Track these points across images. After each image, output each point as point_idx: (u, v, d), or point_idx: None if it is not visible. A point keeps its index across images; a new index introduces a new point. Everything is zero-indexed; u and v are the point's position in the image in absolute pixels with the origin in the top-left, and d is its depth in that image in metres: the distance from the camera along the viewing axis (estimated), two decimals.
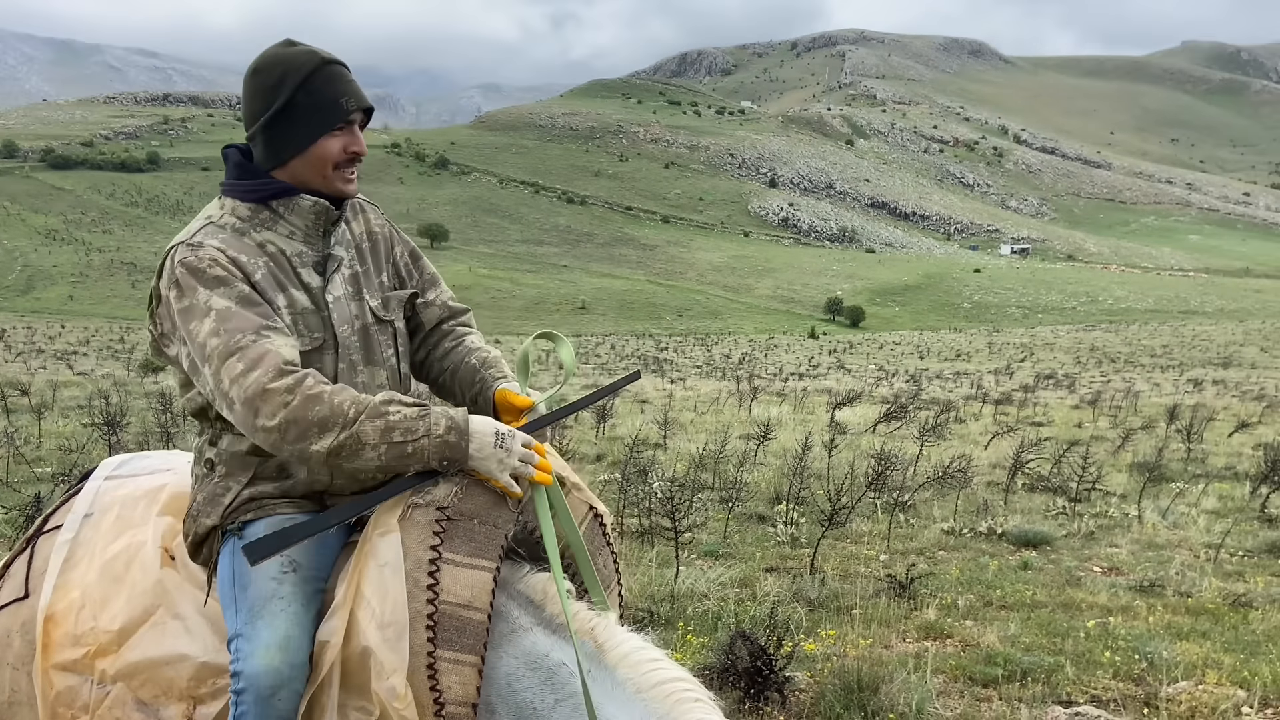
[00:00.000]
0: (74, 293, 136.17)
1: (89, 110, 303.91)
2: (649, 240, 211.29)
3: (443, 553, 2.07)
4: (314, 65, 2.24)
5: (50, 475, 10.01)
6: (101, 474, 2.70)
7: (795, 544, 8.01)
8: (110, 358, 45.30)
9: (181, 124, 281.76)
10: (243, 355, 2.08)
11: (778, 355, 72.87)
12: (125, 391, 20.31)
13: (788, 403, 25.11)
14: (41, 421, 14.52)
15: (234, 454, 2.27)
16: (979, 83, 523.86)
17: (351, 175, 2.34)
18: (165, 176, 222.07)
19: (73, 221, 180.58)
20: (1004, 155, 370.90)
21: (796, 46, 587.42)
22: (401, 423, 2.08)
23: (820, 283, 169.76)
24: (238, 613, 2.14)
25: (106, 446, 11.31)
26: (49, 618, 2.42)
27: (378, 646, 2.03)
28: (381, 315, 2.39)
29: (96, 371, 32.54)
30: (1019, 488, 11.21)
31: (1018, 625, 5.79)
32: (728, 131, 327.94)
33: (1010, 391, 33.46)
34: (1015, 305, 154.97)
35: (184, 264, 2.16)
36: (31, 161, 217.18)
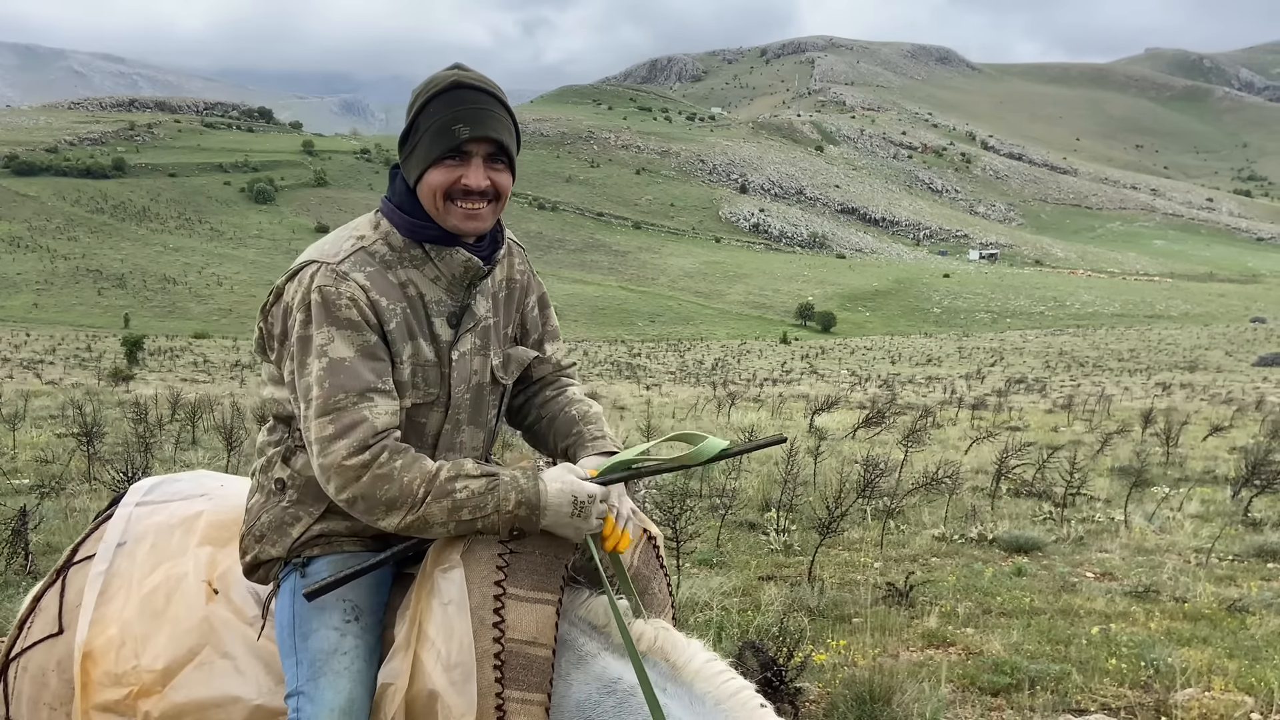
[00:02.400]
0: (39, 300, 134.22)
1: (53, 116, 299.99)
2: (621, 246, 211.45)
3: (507, 588, 2.01)
4: (441, 87, 2.05)
5: (29, 487, 9.83)
6: (132, 500, 2.58)
7: (789, 552, 7.99)
8: (78, 366, 44.71)
9: (148, 130, 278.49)
10: (337, 418, 2.00)
11: (750, 361, 73.11)
12: (98, 401, 20.03)
13: (765, 409, 25.17)
14: (15, 432, 14.27)
15: (309, 480, 2.16)
16: (947, 89, 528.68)
17: (471, 209, 2.09)
18: (131, 183, 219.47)
19: (37, 229, 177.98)
20: (972, 161, 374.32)
21: (766, 53, 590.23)
22: (469, 500, 2.00)
23: (791, 288, 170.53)
24: (298, 665, 2.05)
25: (85, 457, 11.13)
26: (87, 655, 2.32)
27: (445, 690, 1.96)
28: (500, 377, 2.29)
29: (65, 380, 32.08)
30: (1004, 493, 11.26)
31: (1019, 632, 5.80)
32: (698, 138, 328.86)
33: (984, 396, 33.73)
34: (984, 310, 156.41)
35: (321, 291, 2.03)
36: None
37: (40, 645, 2.41)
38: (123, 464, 9.13)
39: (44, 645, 2.41)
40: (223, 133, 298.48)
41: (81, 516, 8.24)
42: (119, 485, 8.13)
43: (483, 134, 2.05)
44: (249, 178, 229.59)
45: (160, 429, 15.28)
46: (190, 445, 13.96)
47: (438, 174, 2.06)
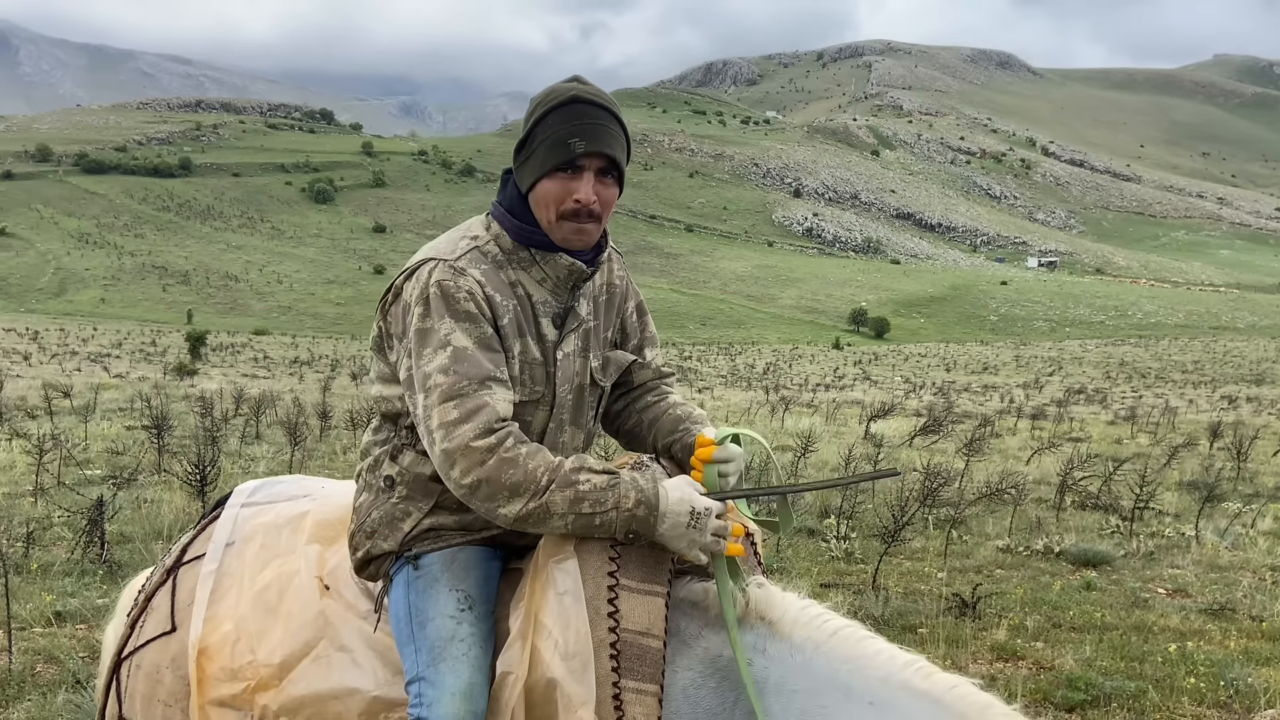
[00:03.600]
0: (106, 295, 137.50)
1: (122, 116, 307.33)
2: (672, 249, 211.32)
3: (620, 579, 2.04)
4: (561, 100, 2.11)
5: (101, 477, 10.08)
6: (237, 502, 2.64)
7: (850, 559, 7.93)
8: (144, 360, 45.72)
9: (213, 130, 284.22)
10: (461, 403, 2.04)
11: (802, 365, 72.67)
12: (164, 395, 20.46)
13: (819, 414, 25.00)
14: (87, 424, 14.63)
15: (417, 476, 2.22)
16: (1007, 94, 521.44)
17: (581, 227, 2.15)
18: (197, 182, 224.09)
19: (105, 225, 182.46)
20: (1032, 167, 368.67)
21: (823, 57, 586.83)
22: (591, 493, 2.02)
23: (844, 293, 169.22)
24: (417, 652, 2.09)
25: (155, 449, 11.38)
26: (202, 651, 2.36)
27: (563, 678, 1.98)
28: (599, 379, 2.34)
29: (132, 374, 32.83)
30: (1069, 505, 11.07)
31: (1092, 648, 5.69)
32: (753, 141, 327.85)
33: (1043, 406, 33.17)
34: (1042, 318, 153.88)
35: (440, 285, 2.10)
36: (65, 166, 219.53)
37: (153, 643, 2.45)
38: (191, 456, 9.33)
39: (157, 643, 2.44)
40: (285, 133, 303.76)
41: (153, 508, 8.43)
42: (190, 477, 8.30)
43: (596, 149, 2.11)
44: (309, 178, 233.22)
45: (226, 423, 15.58)
46: (254, 439, 14.21)
47: (550, 185, 2.12)
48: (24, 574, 6.27)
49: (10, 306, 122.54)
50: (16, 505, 8.47)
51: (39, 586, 6.03)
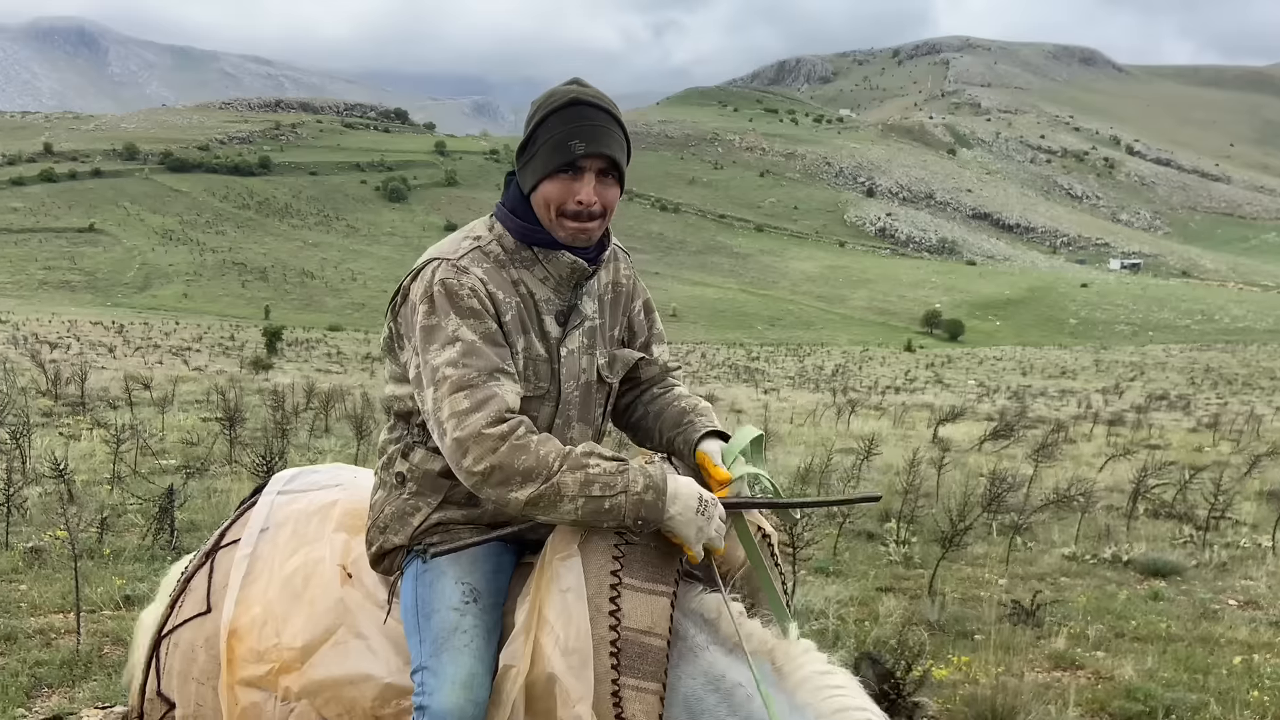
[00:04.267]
0: (188, 291, 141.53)
1: (205, 115, 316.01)
2: (742, 249, 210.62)
3: (623, 578, 2.06)
4: (561, 103, 2.16)
5: (175, 468, 10.38)
6: (274, 488, 2.72)
7: (909, 564, 7.83)
8: (222, 354, 46.96)
9: (292, 129, 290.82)
10: (472, 393, 2.08)
11: (872, 368, 71.83)
12: (239, 388, 20.99)
13: (887, 417, 24.69)
14: (164, 415, 15.08)
15: (426, 472, 2.27)
16: (1090, 92, 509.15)
17: (582, 226, 2.20)
18: (275, 180, 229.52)
19: (188, 222, 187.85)
20: (1115, 166, 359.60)
21: (899, 54, 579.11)
22: (601, 476, 2.04)
23: (918, 295, 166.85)
24: (422, 643, 2.14)
25: (227, 441, 11.69)
26: (232, 633, 2.44)
27: (563, 673, 2.02)
28: (605, 375, 2.38)
29: (210, 367, 33.75)
30: (1141, 514, 10.78)
31: (1155, 659, 5.55)
32: (825, 140, 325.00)
33: (1122, 412, 32.34)
34: (1125, 322, 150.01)
35: (444, 284, 2.16)
36: (151, 164, 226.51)
37: (190, 623, 2.54)
38: (261, 449, 9.56)
39: (194, 623, 2.54)
40: (361, 133, 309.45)
41: (222, 497, 8.65)
42: (258, 469, 8.51)
43: (597, 150, 2.15)
44: (384, 177, 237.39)
45: (296, 416, 15.92)
46: (323, 433, 14.52)
47: (552, 186, 2.17)
48: (96, 558, 6.49)
49: (98, 300, 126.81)
50: (93, 492, 8.78)
51: (110, 571, 6.24)
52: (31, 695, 4.41)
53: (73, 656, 4.77)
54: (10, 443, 10.18)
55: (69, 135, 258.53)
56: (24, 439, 10.06)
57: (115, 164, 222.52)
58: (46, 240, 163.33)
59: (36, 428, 12.31)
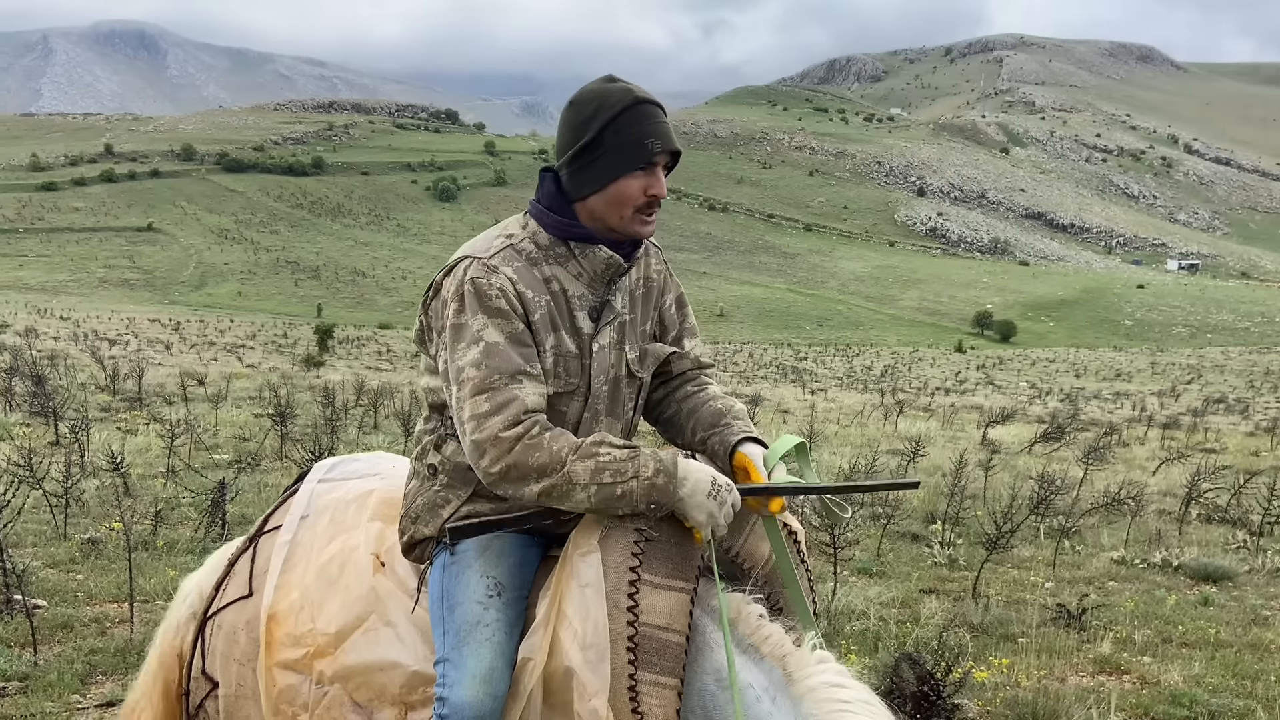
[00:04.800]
0: (242, 289, 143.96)
1: (260, 116, 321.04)
2: (790, 248, 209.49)
3: (642, 574, 2.08)
4: (626, 103, 2.22)
5: (228, 462, 10.59)
6: (315, 477, 2.78)
7: (954, 566, 7.77)
8: (275, 352, 47.70)
9: (344, 130, 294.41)
10: (492, 396, 2.13)
11: (922, 369, 71.10)
12: (291, 385, 21.33)
13: (935, 419, 24.45)
14: (218, 411, 15.37)
15: (457, 465, 2.31)
16: (1147, 90, 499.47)
17: (649, 218, 2.30)
18: (328, 180, 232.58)
19: (243, 221, 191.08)
20: (1173, 166, 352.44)
21: (951, 52, 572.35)
22: (611, 463, 2.09)
23: (969, 295, 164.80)
24: (445, 634, 2.18)
25: (278, 437, 11.90)
26: (271, 617, 2.52)
27: (580, 667, 2.05)
28: (635, 370, 2.40)
29: (263, 364, 34.32)
30: (1194, 518, 10.60)
31: (1202, 665, 5.46)
32: (875, 139, 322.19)
33: (1177, 415, 31.72)
34: (1182, 324, 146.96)
35: (474, 282, 2.20)
36: (207, 164, 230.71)
37: (233, 606, 2.63)
38: (311, 444, 9.74)
39: (236, 606, 2.62)
40: (412, 133, 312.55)
41: (272, 491, 8.82)
42: (307, 464, 8.66)
43: (671, 147, 2.26)
44: (434, 177, 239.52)
45: (345, 413, 16.15)
46: (372, 429, 14.71)
47: (630, 183, 2.23)
48: (150, 550, 6.66)
49: (155, 298, 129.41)
50: (149, 485, 8.99)
51: (164, 562, 6.40)
52: (86, 682, 4.54)
53: (126, 645, 4.90)
54: (70, 436, 10.46)
55: (129, 136, 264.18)
56: (83, 433, 10.32)
57: (173, 164, 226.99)
58: (107, 239, 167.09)
59: (95, 422, 12.62)
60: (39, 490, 7.25)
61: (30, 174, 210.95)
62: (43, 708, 4.14)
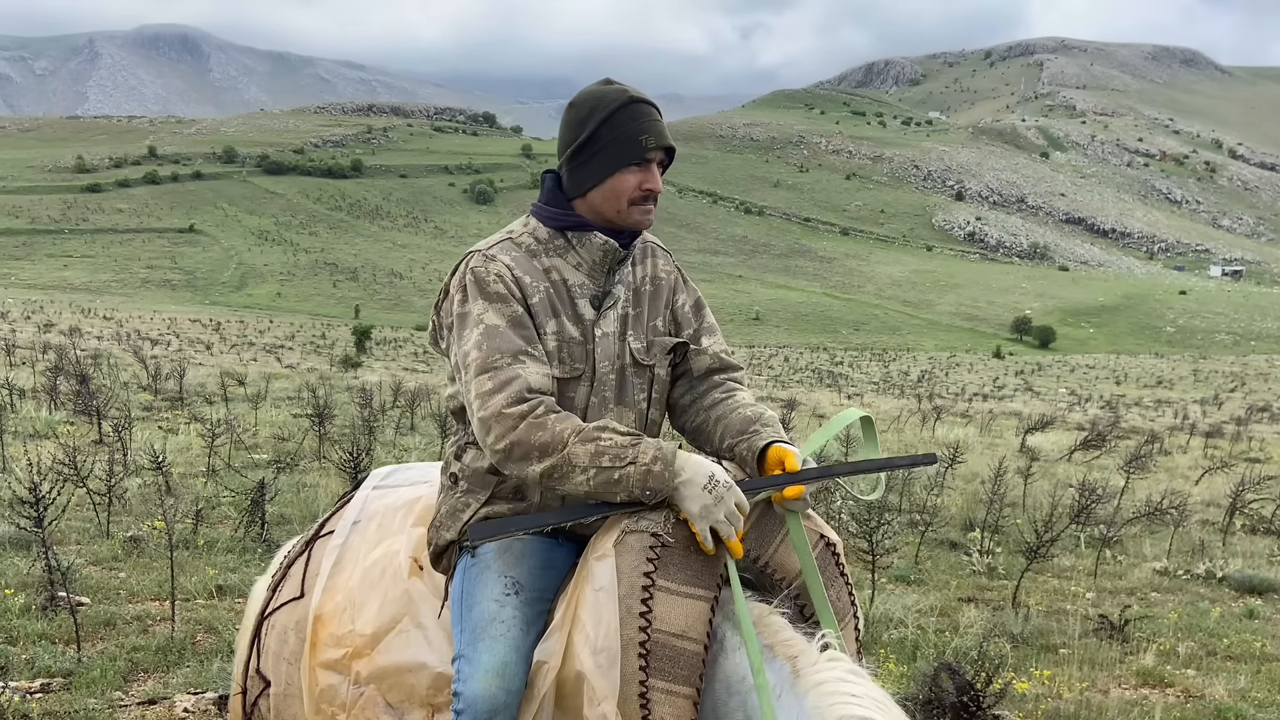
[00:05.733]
0: (281, 290, 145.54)
1: (301, 119, 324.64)
2: (826, 252, 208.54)
3: (657, 580, 2.06)
4: (620, 102, 2.32)
5: (266, 462, 10.70)
6: (370, 483, 2.86)
7: (993, 574, 7.68)
8: (313, 352, 48.16)
9: (383, 133, 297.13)
10: (495, 375, 2.19)
11: (959, 374, 70.45)
12: (329, 385, 21.52)
13: (973, 425, 24.21)
14: (258, 411, 15.53)
15: (475, 470, 2.37)
16: (1191, 94, 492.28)
17: (647, 210, 2.38)
18: (366, 183, 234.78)
19: (283, 223, 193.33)
20: (1217, 171, 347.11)
21: (990, 55, 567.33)
22: (611, 448, 2.12)
23: (1007, 300, 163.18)
24: (462, 632, 2.22)
25: (317, 437, 12.00)
26: (317, 618, 2.59)
27: (590, 672, 2.05)
28: (641, 359, 2.42)
29: (302, 365, 34.65)
30: (1238, 529, 10.41)
31: (1248, 679, 5.36)
32: (913, 142, 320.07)
33: (1220, 423, 31.20)
34: (1225, 331, 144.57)
35: (474, 272, 2.31)
36: (248, 167, 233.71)
37: (286, 606, 2.70)
38: (349, 445, 9.80)
39: (288, 607, 2.70)
40: (449, 136, 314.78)
41: (311, 492, 8.89)
42: (345, 464, 8.73)
43: (664, 144, 2.35)
44: (471, 179, 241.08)
45: (383, 414, 16.26)
46: (409, 431, 14.79)
47: (626, 178, 2.33)
48: (191, 549, 6.73)
49: (196, 299, 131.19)
50: (189, 484, 9.09)
51: (204, 561, 6.46)
52: (128, 679, 4.59)
53: (168, 643, 4.95)
54: (113, 435, 10.61)
55: (171, 139, 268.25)
56: (125, 432, 10.46)
57: (215, 166, 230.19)
58: (149, 240, 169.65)
59: (137, 421, 12.80)
60: (83, 488, 7.35)
61: (75, 175, 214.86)
62: (86, 704, 4.19)
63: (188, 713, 4.19)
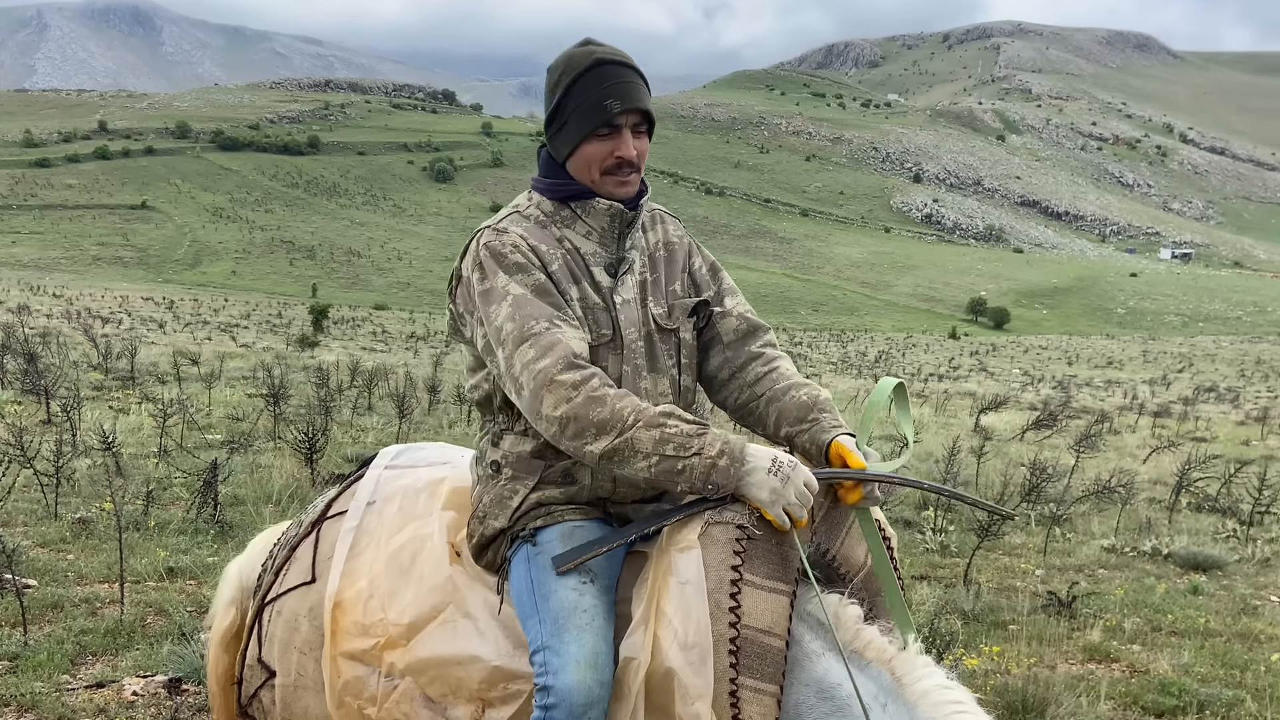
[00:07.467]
0: (237, 268, 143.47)
1: (256, 95, 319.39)
2: (786, 233, 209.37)
3: (744, 574, 1.99)
4: (585, 65, 2.19)
5: (220, 442, 10.57)
6: (381, 463, 2.70)
7: (945, 552, 7.79)
8: (269, 331, 47.56)
9: (341, 110, 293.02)
10: (535, 342, 2.10)
11: (916, 355, 71.20)
12: (285, 365, 21.27)
13: (928, 405, 24.50)
14: (211, 391, 15.32)
15: (519, 455, 2.27)
16: (1144, 78, 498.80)
17: (624, 179, 2.26)
18: (324, 160, 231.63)
19: (238, 200, 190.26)
20: (1168, 155, 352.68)
21: (949, 38, 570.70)
22: (677, 437, 2.02)
23: (963, 282, 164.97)
24: (541, 623, 2.10)
25: (271, 417, 11.87)
26: (337, 605, 2.43)
27: (681, 669, 1.96)
28: (664, 324, 2.35)
29: (257, 344, 34.20)
30: (1184, 507, 10.64)
31: (1191, 654, 5.48)
32: (872, 125, 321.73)
33: (1168, 403, 31.84)
34: (1174, 313, 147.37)
35: (488, 247, 2.22)
36: (202, 143, 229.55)
37: (294, 592, 2.53)
38: (304, 425, 9.70)
39: (298, 592, 2.52)
40: (408, 114, 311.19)
41: (265, 473, 8.79)
42: (300, 445, 8.64)
43: (632, 106, 2.20)
44: (430, 157, 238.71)
45: (340, 394, 16.12)
46: (366, 411, 14.68)
47: (594, 147, 2.22)
48: (142, 530, 6.63)
49: (149, 276, 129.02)
50: (140, 465, 8.95)
51: (155, 543, 6.37)
52: (76, 662, 4.52)
53: (117, 625, 4.88)
54: (61, 415, 10.42)
55: (123, 113, 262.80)
56: (74, 412, 10.28)
57: (168, 142, 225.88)
58: (100, 217, 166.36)
59: (87, 401, 12.58)
60: (30, 469, 7.21)
61: (23, 150, 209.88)
62: (32, 688, 4.12)
63: (136, 696, 4.13)
